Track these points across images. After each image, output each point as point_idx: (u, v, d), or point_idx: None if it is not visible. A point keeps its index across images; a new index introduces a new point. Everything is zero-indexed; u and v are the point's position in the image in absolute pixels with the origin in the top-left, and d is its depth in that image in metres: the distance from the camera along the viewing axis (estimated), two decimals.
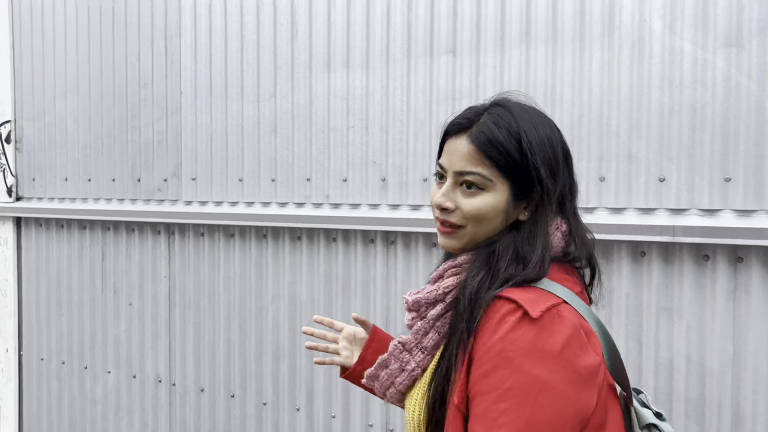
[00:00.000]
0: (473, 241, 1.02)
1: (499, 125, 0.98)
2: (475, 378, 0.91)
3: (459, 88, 2.02)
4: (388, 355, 1.08)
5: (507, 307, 0.91)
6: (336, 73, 2.25)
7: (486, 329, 0.92)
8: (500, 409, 0.87)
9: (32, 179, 3.03)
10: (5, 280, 3.13)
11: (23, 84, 3.04)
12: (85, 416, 2.93)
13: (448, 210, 1.01)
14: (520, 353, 0.88)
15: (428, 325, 1.03)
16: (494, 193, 0.99)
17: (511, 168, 0.98)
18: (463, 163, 0.99)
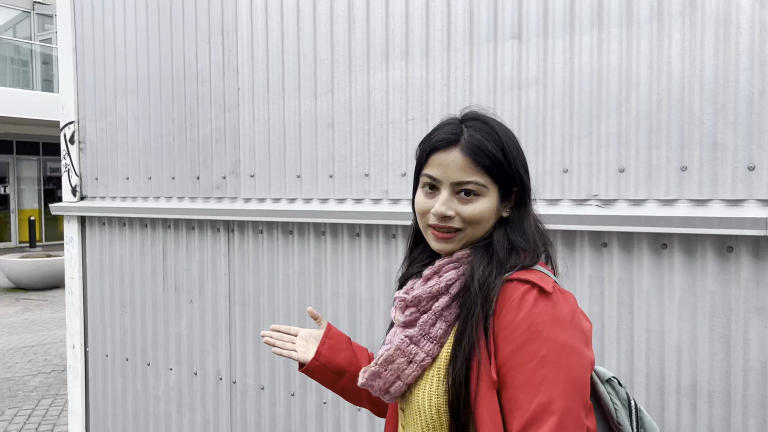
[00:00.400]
0: (469, 242, 1.16)
1: (486, 137, 1.13)
2: (508, 353, 1.04)
3: (525, 75, 1.92)
4: (393, 350, 1.15)
5: (523, 287, 1.06)
6: (394, 65, 2.18)
7: (507, 309, 1.05)
8: (542, 374, 1.01)
9: (95, 179, 3.08)
10: (71, 278, 3.20)
11: (86, 86, 3.09)
12: (148, 412, 2.97)
13: (450, 217, 1.13)
14: (546, 325, 1.03)
15: (435, 316, 1.13)
16: (488, 197, 1.13)
17: (500, 173, 1.13)
18: (460, 174, 1.12)
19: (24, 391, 5.86)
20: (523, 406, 1.01)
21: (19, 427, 4.98)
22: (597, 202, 1.82)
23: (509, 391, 1.04)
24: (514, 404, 1.03)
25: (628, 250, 1.79)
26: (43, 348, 7.39)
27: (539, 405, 1.00)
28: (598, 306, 1.83)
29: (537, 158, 1.91)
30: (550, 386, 1.00)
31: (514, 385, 1.03)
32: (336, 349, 1.42)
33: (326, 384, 1.43)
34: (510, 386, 1.04)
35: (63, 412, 5.31)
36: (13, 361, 6.83)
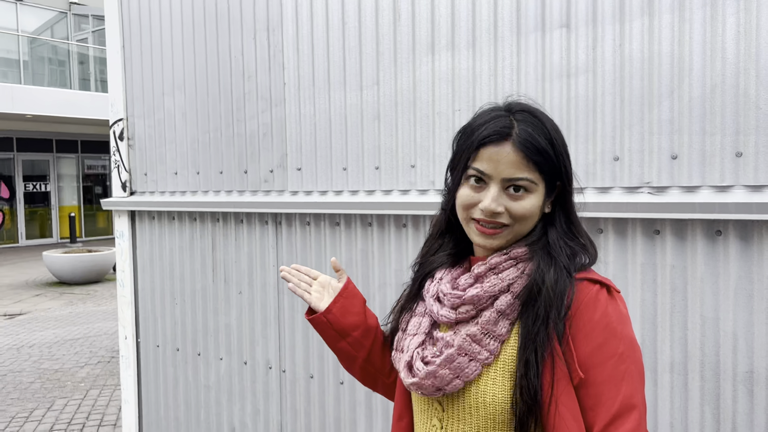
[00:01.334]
0: (515, 238, 1.16)
1: (537, 132, 1.12)
2: (589, 351, 1.07)
3: (575, 64, 1.93)
4: (455, 351, 1.13)
5: (594, 287, 1.10)
6: (440, 56, 2.20)
7: (584, 308, 1.09)
8: (622, 370, 1.06)
9: (144, 174, 3.17)
10: (122, 272, 3.30)
11: (134, 83, 3.17)
12: (199, 401, 3.05)
13: (499, 213, 1.13)
14: (619, 322, 1.09)
15: (498, 313, 1.13)
16: (537, 194, 1.13)
17: (549, 170, 1.13)
18: (512, 170, 1.11)
19: (72, 381, 6.05)
20: (608, 402, 1.06)
21: (70, 417, 5.15)
22: (649, 190, 1.82)
23: (592, 388, 1.07)
24: (598, 400, 1.07)
25: (681, 237, 1.78)
26: (88, 340, 7.61)
27: (624, 399, 1.05)
28: (651, 293, 1.83)
29: (587, 146, 1.91)
30: (630, 381, 1.06)
31: (597, 381, 1.07)
32: (347, 311, 1.39)
33: (326, 340, 1.41)
34: (593, 383, 1.07)
35: (111, 402, 5.48)
36: (61, 353, 7.04)
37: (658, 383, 1.83)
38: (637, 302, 1.85)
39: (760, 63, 1.66)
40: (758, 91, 1.67)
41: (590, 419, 1.07)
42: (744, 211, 1.65)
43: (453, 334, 1.16)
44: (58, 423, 5.02)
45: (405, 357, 1.22)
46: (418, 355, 1.19)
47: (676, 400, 1.81)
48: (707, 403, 1.76)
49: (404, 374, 1.21)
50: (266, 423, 2.79)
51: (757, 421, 1.70)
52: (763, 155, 1.67)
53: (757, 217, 1.64)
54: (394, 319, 1.33)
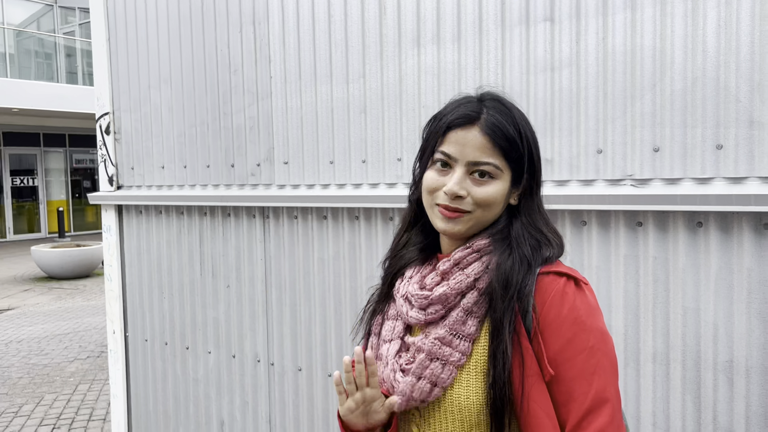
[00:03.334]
0: (476, 226, 1.13)
1: (506, 119, 1.10)
2: (558, 347, 1.06)
3: (558, 57, 1.94)
4: (425, 357, 1.10)
5: (560, 280, 1.08)
6: (426, 49, 2.21)
7: (551, 303, 1.06)
8: (593, 364, 1.05)
9: (131, 168, 3.16)
10: (110, 266, 3.29)
11: (119, 76, 3.16)
12: (188, 394, 3.06)
13: (461, 198, 1.10)
14: (588, 315, 1.07)
15: (465, 313, 1.10)
16: (501, 181, 1.11)
17: (516, 158, 1.11)
18: (478, 154, 1.10)
19: (62, 377, 6.03)
20: (580, 397, 1.05)
21: (59, 412, 5.14)
22: (632, 182, 1.84)
23: (563, 384, 1.06)
24: (569, 396, 1.05)
25: (663, 229, 1.81)
26: (77, 335, 7.58)
27: (596, 393, 1.04)
28: (634, 285, 1.86)
29: (571, 139, 1.93)
30: (602, 374, 1.05)
31: (568, 377, 1.06)
32: None
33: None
34: (564, 379, 1.06)
35: (101, 396, 5.47)
36: (50, 348, 7.02)
37: (641, 373, 1.86)
38: (620, 293, 1.88)
39: (740, 56, 1.68)
40: (738, 84, 1.69)
41: (563, 415, 1.06)
42: (724, 203, 1.67)
43: (423, 338, 1.13)
44: (47, 418, 5.01)
45: (387, 371, 1.17)
46: (397, 364, 1.15)
47: (658, 389, 1.83)
48: (688, 392, 1.79)
49: (389, 387, 1.16)
50: (255, 416, 2.80)
51: (737, 410, 1.73)
52: (742, 148, 1.69)
53: (737, 208, 1.67)
54: (366, 323, 1.28)
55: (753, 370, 1.70)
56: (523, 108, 1.99)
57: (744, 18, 1.67)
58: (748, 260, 1.70)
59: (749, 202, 1.65)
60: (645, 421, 1.85)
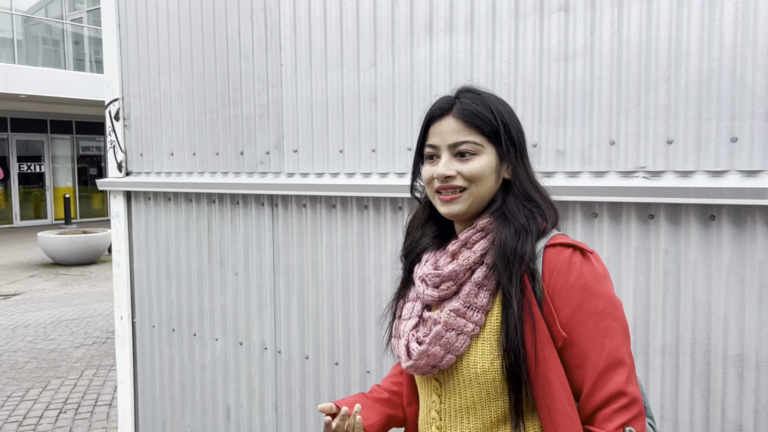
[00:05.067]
0: (476, 201, 1.21)
1: (476, 102, 1.21)
2: (569, 313, 1.12)
3: (572, 47, 1.92)
4: (442, 327, 1.18)
5: (567, 251, 1.15)
6: (438, 38, 2.19)
7: (559, 273, 1.13)
8: (604, 326, 1.11)
9: (140, 154, 3.16)
10: (118, 252, 3.30)
11: (129, 63, 3.15)
12: (195, 381, 3.07)
13: (452, 177, 1.20)
14: (595, 282, 1.13)
15: (476, 286, 1.18)
16: (485, 155, 1.20)
17: (493, 132, 1.20)
18: (456, 136, 1.20)
19: (68, 362, 6.07)
20: (593, 358, 1.11)
21: (65, 397, 5.18)
22: (644, 174, 1.83)
23: (576, 347, 1.12)
24: (584, 358, 1.12)
25: (675, 222, 1.80)
26: (83, 321, 7.63)
27: (609, 354, 1.11)
28: (644, 277, 1.85)
29: (584, 130, 1.92)
30: (613, 336, 1.11)
31: (580, 340, 1.12)
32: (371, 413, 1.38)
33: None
34: (577, 342, 1.12)
35: (107, 382, 5.50)
36: (56, 334, 7.06)
37: (650, 365, 1.85)
38: (630, 285, 1.87)
39: (757, 48, 1.67)
40: (755, 76, 1.67)
41: (579, 378, 1.13)
42: (738, 196, 1.66)
43: (440, 312, 1.21)
44: (53, 403, 5.05)
45: (402, 342, 1.27)
46: (413, 337, 1.24)
47: (667, 382, 1.83)
48: (697, 386, 1.79)
49: (403, 359, 1.25)
50: (261, 403, 2.81)
51: (746, 404, 1.72)
52: (758, 141, 1.68)
53: (750, 202, 1.65)
54: (392, 308, 1.38)
55: (763, 364, 1.70)
56: (535, 98, 1.99)
57: (762, 10, 1.65)
58: (761, 254, 1.69)
59: (763, 196, 1.64)
60: (653, 414, 1.84)
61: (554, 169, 1.98)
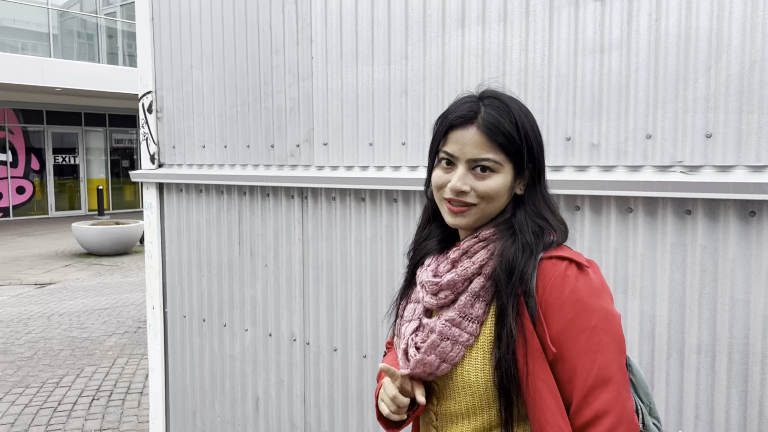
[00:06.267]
0: (483, 218, 1.20)
1: (502, 115, 1.16)
2: (560, 328, 1.11)
3: (608, 39, 1.89)
4: (437, 337, 1.19)
5: (562, 264, 1.13)
6: (470, 30, 2.17)
7: (552, 286, 1.12)
8: (596, 342, 1.10)
9: (172, 147, 3.19)
10: (150, 243, 3.35)
11: (162, 56, 3.19)
12: (224, 370, 3.11)
13: (465, 193, 1.18)
14: (590, 296, 1.11)
15: (473, 297, 1.18)
16: (503, 174, 1.18)
17: (515, 151, 1.17)
18: (477, 151, 1.17)
19: (101, 350, 6.20)
20: (583, 374, 1.10)
21: (98, 384, 5.29)
22: (681, 169, 1.79)
23: (567, 362, 1.12)
24: (573, 373, 1.11)
25: (713, 218, 1.75)
26: (115, 310, 7.78)
27: (599, 370, 1.09)
28: (680, 274, 1.81)
29: (619, 124, 1.88)
30: (605, 352, 1.10)
31: (571, 355, 1.11)
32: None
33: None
34: (567, 358, 1.11)
35: (138, 370, 5.61)
36: (89, 322, 7.22)
37: (685, 364, 1.82)
38: (665, 282, 1.83)
39: None
40: None
41: (568, 392, 1.12)
42: None
43: (437, 320, 1.22)
44: (87, 389, 5.16)
45: (402, 344, 1.28)
46: (413, 341, 1.25)
47: (702, 381, 1.79)
48: (734, 386, 1.75)
49: (402, 362, 1.26)
50: (290, 394, 2.83)
51: None
52: None
53: None
54: (395, 307, 1.39)
55: None
56: (569, 91, 1.96)
57: None
58: None
59: None
60: (688, 413, 1.81)
61: (588, 163, 1.94)
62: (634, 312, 1.89)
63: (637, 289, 1.88)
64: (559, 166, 2.01)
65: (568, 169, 1.99)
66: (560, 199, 2.01)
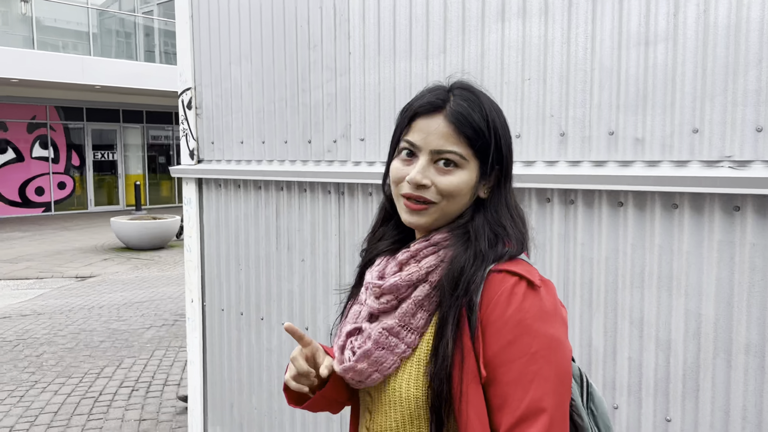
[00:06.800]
0: (443, 218, 1.11)
1: (472, 107, 1.07)
2: (497, 349, 1.01)
3: (654, 31, 1.84)
4: (372, 345, 1.09)
5: (511, 279, 1.02)
6: (510, 23, 2.14)
7: (496, 303, 1.02)
8: (533, 371, 0.99)
9: (211, 143, 3.24)
10: (189, 237, 3.40)
11: (201, 53, 3.23)
12: (261, 364, 3.14)
13: (425, 187, 1.08)
14: (535, 319, 1.01)
15: (415, 305, 1.08)
16: (467, 170, 1.08)
17: (483, 147, 1.08)
18: (442, 142, 1.07)
19: (139, 342, 6.33)
20: (513, 403, 1.00)
21: (137, 375, 5.40)
22: (730, 164, 1.74)
23: (499, 387, 1.02)
24: (504, 401, 1.01)
25: (763, 215, 1.70)
26: (153, 304, 7.93)
27: (531, 402, 0.99)
28: (728, 272, 1.76)
29: (664, 118, 1.84)
30: (542, 383, 0.99)
31: (504, 381, 1.01)
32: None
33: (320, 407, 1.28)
34: (500, 382, 1.01)
35: (175, 362, 5.71)
36: (128, 315, 7.37)
37: (732, 364, 1.77)
38: (712, 280, 1.79)
39: None
40: None
41: (496, 420, 1.02)
42: None
43: (359, 316, 1.14)
44: (126, 380, 5.28)
45: (338, 342, 1.19)
46: (350, 344, 1.16)
47: (750, 382, 1.75)
48: None
49: (336, 364, 1.16)
50: None
51: None
52: None
53: None
54: (343, 306, 1.30)
55: None
56: (612, 84, 1.92)
57: None
58: None
59: None
60: (735, 415, 1.77)
61: (632, 158, 1.91)
62: (679, 310, 1.85)
63: (682, 287, 1.84)
64: (601, 161, 1.97)
65: (610, 164, 1.95)
66: (603, 195, 1.98)
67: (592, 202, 2.02)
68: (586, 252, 2.02)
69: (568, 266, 2.08)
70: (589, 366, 2.04)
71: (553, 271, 2.11)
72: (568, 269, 2.08)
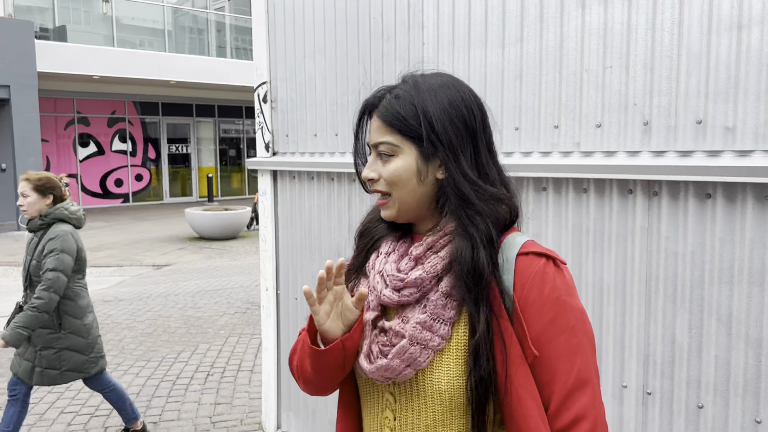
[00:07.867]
0: (404, 206, 1.14)
1: (399, 99, 1.13)
2: (541, 327, 1.06)
3: (748, 14, 1.75)
4: (407, 342, 1.08)
5: (540, 260, 1.08)
6: (591, 9, 2.09)
7: (531, 284, 1.06)
8: (575, 343, 1.06)
9: (286, 135, 3.30)
10: (264, 227, 3.49)
11: (277, 47, 3.30)
12: None
13: (374, 180, 1.15)
14: (567, 295, 1.07)
15: (444, 296, 1.09)
16: (403, 156, 1.12)
17: (412, 132, 1.11)
18: (376, 136, 1.15)
19: (213, 329, 6.55)
20: (563, 377, 1.06)
21: (212, 361, 5.60)
22: None
23: (546, 364, 1.07)
24: (553, 375, 1.07)
25: None
26: (226, 292, 8.19)
27: (579, 372, 1.06)
28: None
29: (758, 105, 1.75)
30: (583, 354, 1.07)
31: (552, 357, 1.07)
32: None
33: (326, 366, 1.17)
34: (547, 358, 1.07)
35: (248, 349, 5.88)
36: (202, 302, 7.64)
37: None
38: None
39: None
40: None
41: (546, 395, 1.08)
42: None
43: (400, 322, 1.11)
44: (202, 365, 5.48)
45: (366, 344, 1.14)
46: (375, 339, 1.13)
47: None
48: None
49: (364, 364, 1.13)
50: None
51: None
52: None
53: None
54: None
55: None
56: (701, 71, 1.84)
57: None
58: None
59: None
60: None
61: (722, 148, 1.82)
62: None
63: None
64: (688, 151, 1.90)
65: (698, 154, 1.87)
66: (689, 187, 1.90)
67: (677, 194, 1.94)
68: (670, 246, 1.95)
69: (651, 260, 2.01)
70: (672, 363, 1.97)
71: (635, 265, 2.05)
72: (651, 263, 2.01)
